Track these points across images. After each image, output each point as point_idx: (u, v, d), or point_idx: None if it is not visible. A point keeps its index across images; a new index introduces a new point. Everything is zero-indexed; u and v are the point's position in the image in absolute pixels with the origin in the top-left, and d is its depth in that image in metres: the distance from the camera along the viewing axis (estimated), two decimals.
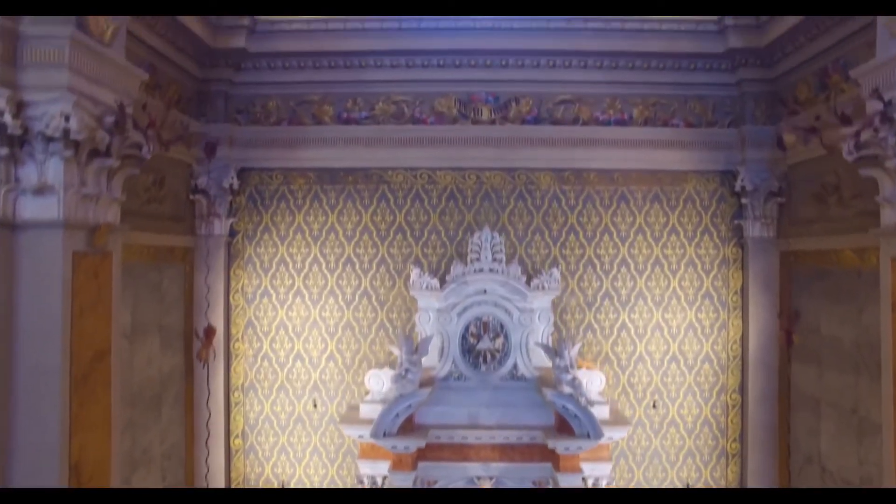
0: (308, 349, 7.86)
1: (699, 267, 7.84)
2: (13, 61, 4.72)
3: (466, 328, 7.27)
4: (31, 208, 4.79)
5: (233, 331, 7.89)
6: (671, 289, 7.83)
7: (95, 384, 5.20)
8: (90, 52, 5.04)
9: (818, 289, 6.93)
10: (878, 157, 5.32)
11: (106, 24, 5.33)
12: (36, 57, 4.76)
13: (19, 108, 4.69)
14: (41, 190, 4.79)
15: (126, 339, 6.29)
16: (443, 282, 7.37)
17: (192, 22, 6.90)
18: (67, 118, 4.71)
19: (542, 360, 7.20)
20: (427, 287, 7.31)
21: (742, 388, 7.78)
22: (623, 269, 7.81)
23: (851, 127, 5.21)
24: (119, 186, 5.53)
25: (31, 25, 4.73)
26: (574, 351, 6.90)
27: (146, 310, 6.77)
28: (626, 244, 7.82)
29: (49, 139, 4.73)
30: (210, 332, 7.42)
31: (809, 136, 6.07)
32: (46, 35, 4.76)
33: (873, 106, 5.29)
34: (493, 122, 7.77)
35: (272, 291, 7.88)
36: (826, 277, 6.80)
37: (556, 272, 7.37)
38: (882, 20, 5.40)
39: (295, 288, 7.87)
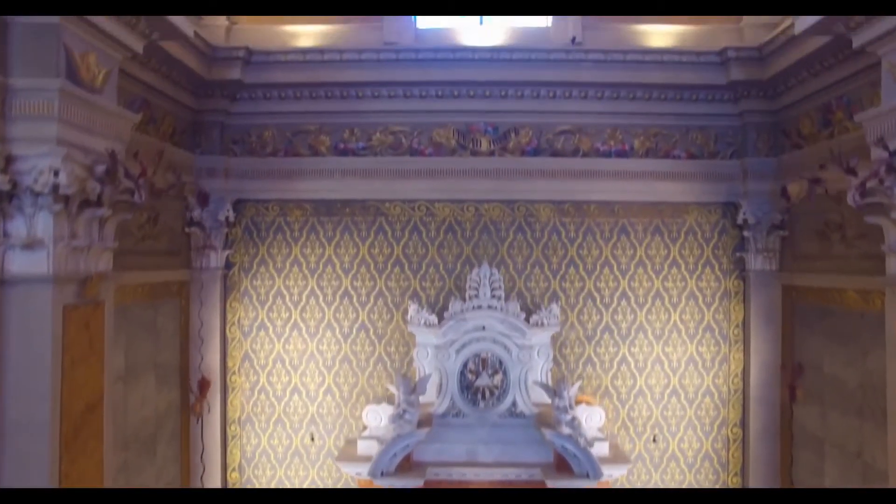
0: (305, 382, 7.78)
1: (700, 300, 7.75)
2: (1, 114, 4.62)
3: (465, 364, 7.18)
4: (19, 263, 4.70)
5: (229, 364, 7.81)
6: (672, 322, 7.74)
7: (87, 437, 5.12)
8: (80, 102, 4.95)
9: (821, 327, 6.84)
10: (884, 206, 5.23)
11: (97, 69, 5.24)
12: (24, 109, 4.66)
13: (7, 161, 4.61)
14: (30, 244, 4.69)
15: (120, 381, 6.21)
16: (441, 317, 7.28)
17: (186, 55, 6.81)
18: (56, 173, 4.62)
19: (542, 396, 7.11)
20: (425, 323, 7.23)
21: (743, 423, 7.70)
22: (623, 303, 7.72)
23: (857, 178, 5.10)
24: (111, 234, 5.44)
25: (20, 78, 4.64)
26: (573, 390, 6.83)
27: (140, 349, 6.69)
28: (627, 277, 7.73)
29: (38, 194, 4.65)
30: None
31: (814, 186, 5.97)
32: (35, 88, 4.67)
33: (878, 154, 5.21)
34: (491, 153, 7.67)
35: (269, 324, 7.80)
36: (829, 316, 6.70)
37: (555, 308, 7.28)
38: (886, 65, 5.32)
39: (292, 321, 7.78)
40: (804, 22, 5.85)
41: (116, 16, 5.19)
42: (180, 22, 5.87)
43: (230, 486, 7.81)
